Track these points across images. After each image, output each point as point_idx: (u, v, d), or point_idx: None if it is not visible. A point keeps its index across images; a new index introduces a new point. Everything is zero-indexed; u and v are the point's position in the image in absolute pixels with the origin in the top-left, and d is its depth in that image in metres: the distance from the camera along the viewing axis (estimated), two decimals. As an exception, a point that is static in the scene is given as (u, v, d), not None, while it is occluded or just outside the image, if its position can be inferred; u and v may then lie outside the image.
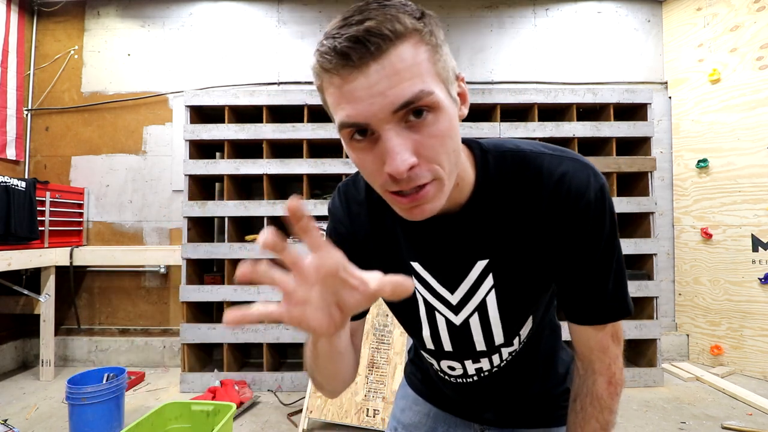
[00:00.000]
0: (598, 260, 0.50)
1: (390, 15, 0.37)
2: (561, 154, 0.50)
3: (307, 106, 2.56)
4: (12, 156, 2.89)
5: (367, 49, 0.36)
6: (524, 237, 0.51)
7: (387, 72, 0.36)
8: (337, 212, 0.61)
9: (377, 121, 0.38)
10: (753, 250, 2.56)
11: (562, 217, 0.49)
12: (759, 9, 2.57)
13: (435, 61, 0.40)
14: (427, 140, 0.39)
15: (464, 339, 0.58)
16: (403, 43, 0.37)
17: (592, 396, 0.54)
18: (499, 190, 0.51)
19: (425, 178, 0.40)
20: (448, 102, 0.41)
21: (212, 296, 2.46)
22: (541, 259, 0.52)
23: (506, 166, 0.51)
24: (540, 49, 3.10)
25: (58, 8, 3.06)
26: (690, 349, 2.89)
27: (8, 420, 2.02)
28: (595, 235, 0.49)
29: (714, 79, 2.77)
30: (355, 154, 0.42)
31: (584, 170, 0.49)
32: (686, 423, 2.00)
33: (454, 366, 0.62)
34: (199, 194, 2.66)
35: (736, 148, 2.66)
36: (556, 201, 0.48)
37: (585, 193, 0.48)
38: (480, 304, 0.55)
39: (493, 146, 0.53)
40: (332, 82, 0.39)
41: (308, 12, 3.09)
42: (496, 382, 0.64)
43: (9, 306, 2.63)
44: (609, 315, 0.53)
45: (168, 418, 1.62)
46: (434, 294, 0.57)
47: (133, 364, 2.87)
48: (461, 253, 0.53)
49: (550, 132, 2.53)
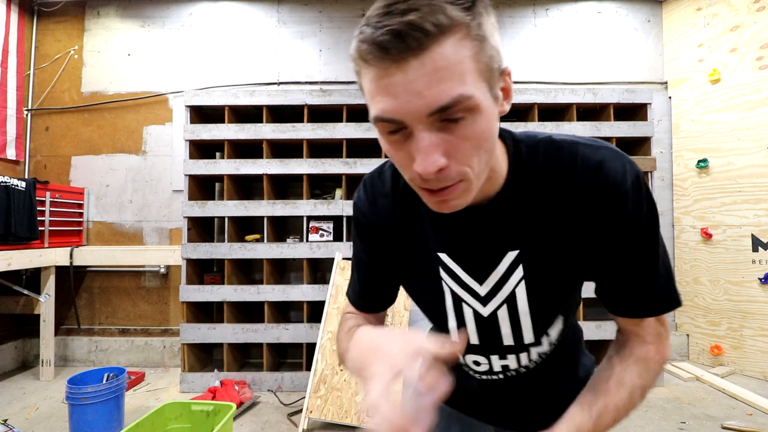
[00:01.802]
0: (641, 249, 0.49)
1: (436, 5, 0.35)
2: (595, 144, 0.50)
3: (307, 106, 2.56)
4: (12, 156, 2.89)
5: (407, 44, 0.35)
6: (557, 228, 0.50)
7: (427, 70, 0.35)
8: (362, 206, 0.61)
9: (411, 119, 0.38)
10: (753, 250, 2.56)
11: (599, 207, 0.47)
12: (759, 9, 2.57)
13: (479, 57, 0.38)
14: (460, 142, 0.39)
15: (491, 331, 0.57)
16: (447, 38, 0.35)
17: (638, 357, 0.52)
18: (532, 181, 0.50)
19: (452, 180, 0.40)
20: (488, 102, 0.40)
21: (212, 296, 2.46)
22: (575, 250, 0.51)
23: (539, 157, 0.50)
24: (540, 49, 3.10)
25: (58, 8, 3.06)
26: (690, 349, 2.89)
27: (8, 420, 2.02)
28: (635, 224, 0.47)
29: (714, 79, 2.77)
30: (388, 145, 0.42)
31: (619, 159, 0.48)
32: (686, 423, 2.00)
33: (479, 361, 0.62)
34: (199, 194, 2.66)
35: (736, 148, 2.66)
36: (592, 191, 0.47)
37: (622, 181, 0.46)
38: (509, 295, 0.54)
39: (526, 137, 0.53)
40: (370, 72, 0.38)
41: (308, 12, 3.09)
42: (522, 383, 0.63)
43: (9, 306, 2.63)
44: (660, 307, 0.51)
45: (168, 418, 1.62)
46: (462, 285, 0.56)
47: (133, 364, 2.88)
48: (491, 243, 0.53)
49: (549, 132, 2.52)
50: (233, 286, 2.47)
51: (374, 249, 0.62)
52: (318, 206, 2.50)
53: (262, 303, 2.49)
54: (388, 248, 0.60)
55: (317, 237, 2.55)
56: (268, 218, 2.52)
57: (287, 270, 2.92)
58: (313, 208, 2.50)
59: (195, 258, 2.50)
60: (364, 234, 0.62)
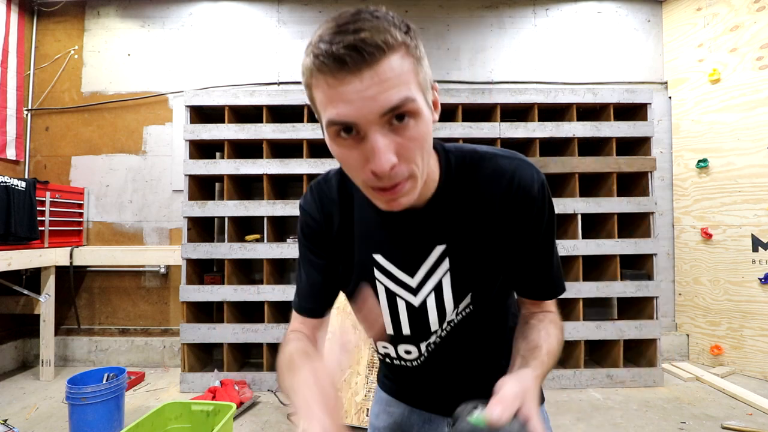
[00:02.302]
0: (541, 244, 0.60)
1: (382, 27, 0.41)
2: (511, 156, 0.59)
3: (307, 106, 2.56)
4: (12, 156, 2.89)
5: (362, 57, 0.40)
6: (479, 225, 0.59)
7: (378, 79, 0.41)
8: (309, 209, 0.67)
9: (365, 122, 0.42)
10: (753, 250, 2.56)
11: (512, 209, 0.57)
12: (759, 9, 2.57)
13: (417, 71, 0.45)
14: (407, 143, 0.45)
15: (421, 320, 0.63)
16: (393, 54, 0.41)
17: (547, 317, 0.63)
18: (460, 186, 0.58)
19: (402, 176, 0.46)
20: (426, 109, 0.46)
21: (212, 296, 2.46)
22: (492, 244, 0.60)
23: (466, 166, 0.59)
24: (540, 49, 3.10)
25: (58, 8, 3.06)
26: (690, 349, 2.89)
27: (8, 420, 2.02)
28: (538, 224, 0.58)
29: (714, 79, 2.77)
30: (339, 149, 0.47)
31: (529, 168, 0.57)
32: (686, 423, 2.00)
33: (411, 350, 0.67)
34: (199, 194, 2.66)
35: (736, 148, 2.66)
36: (507, 195, 0.57)
37: (530, 188, 0.56)
38: (437, 285, 0.61)
39: (455, 148, 0.61)
40: (326, 82, 0.42)
41: (308, 12, 3.09)
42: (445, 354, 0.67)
43: (9, 306, 2.63)
44: (554, 293, 0.64)
45: (168, 418, 1.62)
46: (395, 280, 0.63)
47: (133, 364, 2.88)
48: (422, 239, 0.60)
49: (550, 132, 2.53)
50: (233, 286, 2.47)
51: (320, 251, 0.67)
52: (318, 206, 2.50)
53: (262, 303, 2.49)
54: (331, 251, 0.66)
55: (317, 237, 2.55)
56: (268, 218, 2.52)
57: (287, 270, 2.92)
58: (313, 208, 2.50)
59: (195, 258, 2.50)
60: (311, 236, 0.67)
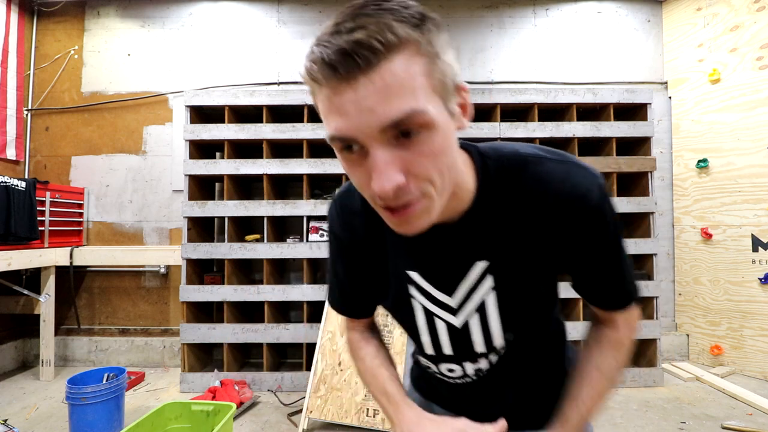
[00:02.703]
0: (608, 254, 0.53)
1: (384, 23, 0.35)
2: (560, 158, 0.51)
3: (307, 106, 2.56)
4: (12, 156, 2.89)
5: (355, 62, 0.34)
6: (526, 239, 0.51)
7: (376, 87, 0.35)
8: (333, 223, 0.62)
9: (365, 137, 0.37)
10: (753, 250, 2.56)
11: (566, 219, 0.49)
12: (759, 9, 2.57)
13: (431, 73, 0.38)
14: (417, 158, 0.38)
15: (464, 341, 0.58)
16: (396, 55, 0.35)
17: (611, 341, 0.58)
18: (500, 196, 0.51)
19: (413, 196, 0.40)
20: (442, 118, 0.39)
21: (212, 296, 2.46)
22: (543, 258, 0.52)
23: (506, 171, 0.51)
24: (540, 49, 3.10)
25: (58, 8, 3.06)
26: (690, 349, 2.89)
27: (8, 420, 2.02)
28: (602, 233, 0.51)
29: (714, 79, 2.77)
30: (345, 165, 0.42)
31: (584, 172, 0.50)
32: (686, 423, 2.00)
33: (454, 368, 0.63)
34: (199, 194, 2.66)
35: (736, 148, 2.66)
36: (559, 203, 0.49)
37: (588, 193, 0.48)
38: (480, 305, 0.55)
39: (492, 151, 0.52)
40: (322, 91, 0.39)
41: (308, 12, 3.09)
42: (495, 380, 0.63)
43: (9, 306, 2.63)
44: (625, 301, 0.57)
45: (168, 418, 1.62)
46: (432, 300, 0.57)
47: (133, 364, 2.88)
48: (460, 255, 0.54)
49: (550, 132, 2.53)
50: (233, 286, 2.47)
51: (349, 264, 0.63)
52: (318, 206, 2.50)
53: (262, 303, 2.49)
54: (360, 265, 0.62)
55: (317, 237, 2.55)
56: (268, 218, 2.52)
57: (287, 270, 2.92)
58: (313, 208, 2.50)
59: (195, 258, 2.50)
60: (339, 250, 0.63)
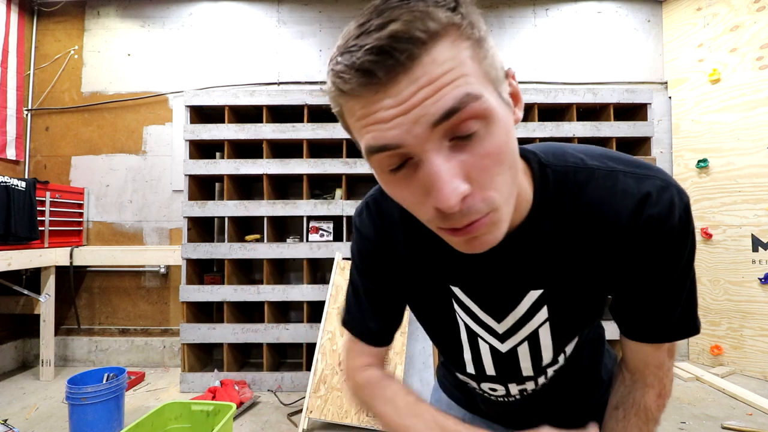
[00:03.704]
0: (673, 284, 0.44)
1: (418, 11, 0.29)
2: (639, 172, 0.43)
3: (307, 106, 2.56)
4: (12, 156, 2.89)
5: (395, 60, 0.29)
6: (587, 266, 0.44)
7: (422, 82, 0.30)
8: (365, 229, 0.55)
9: (414, 140, 0.31)
10: (753, 250, 2.56)
11: (639, 245, 0.42)
12: (759, 9, 2.57)
13: (481, 58, 0.32)
14: (480, 161, 0.32)
15: (510, 365, 0.54)
16: (439, 42, 0.30)
17: (638, 407, 0.51)
18: (560, 212, 0.44)
19: (480, 212, 0.33)
20: (500, 108, 0.33)
21: (212, 296, 2.46)
22: (605, 286, 0.46)
23: (569, 184, 0.43)
24: (540, 49, 3.10)
25: (58, 8, 3.06)
26: (690, 349, 2.89)
27: (8, 420, 2.02)
28: (675, 260, 0.43)
29: (714, 79, 2.76)
30: (390, 188, 0.36)
31: (667, 191, 0.41)
32: (686, 423, 2.00)
33: (497, 388, 0.59)
34: (199, 194, 2.66)
35: (736, 148, 2.66)
36: (632, 228, 0.41)
37: (669, 217, 0.40)
38: (531, 334, 0.50)
39: (554, 158, 0.45)
40: (356, 104, 0.32)
41: (308, 12, 3.09)
42: (541, 398, 0.61)
43: (9, 306, 2.63)
44: (675, 334, 0.47)
45: (168, 418, 1.62)
46: (477, 321, 0.52)
47: (133, 364, 2.88)
48: (511, 281, 0.47)
49: (549, 132, 2.53)
50: (233, 286, 2.47)
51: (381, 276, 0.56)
52: (318, 206, 2.50)
53: (262, 303, 2.49)
54: (395, 276, 0.55)
55: (317, 237, 2.55)
56: (268, 218, 2.52)
57: (287, 270, 2.92)
58: (313, 208, 2.50)
59: (195, 258, 2.50)
60: (369, 259, 0.56)
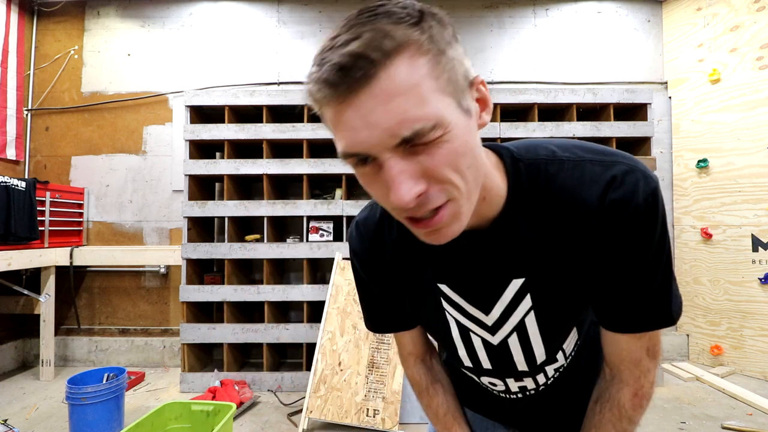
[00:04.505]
0: (643, 269, 0.46)
1: (378, 28, 0.32)
2: (605, 159, 0.45)
3: (307, 106, 2.54)
4: (12, 156, 2.89)
5: (353, 77, 0.32)
6: (564, 252, 0.47)
7: (380, 99, 0.33)
8: (356, 246, 0.60)
9: (374, 149, 0.35)
10: (753, 250, 2.56)
11: (608, 229, 0.44)
12: (759, 9, 2.57)
13: (438, 73, 0.35)
14: (435, 162, 0.36)
15: (504, 358, 0.56)
16: (395, 60, 0.33)
17: (613, 402, 0.52)
18: (534, 203, 0.46)
19: (439, 200, 0.37)
20: (458, 119, 0.36)
21: (212, 296, 2.46)
22: (584, 272, 0.48)
23: (540, 175, 0.46)
24: (540, 49, 3.10)
25: (58, 8, 3.06)
26: (690, 349, 2.89)
27: (8, 420, 2.02)
28: (643, 245, 0.44)
29: (714, 79, 2.76)
30: (361, 180, 0.40)
31: (632, 174, 0.43)
32: (686, 423, 2.00)
33: (496, 383, 0.61)
34: (199, 194, 2.66)
35: (736, 148, 2.66)
36: (600, 212, 0.43)
37: (632, 199, 0.43)
38: (519, 324, 0.52)
39: (525, 152, 0.48)
40: (326, 111, 0.37)
41: (308, 12, 3.09)
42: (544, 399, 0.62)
43: (9, 306, 2.63)
44: (646, 323, 0.48)
45: (168, 418, 1.62)
46: (467, 315, 0.54)
47: (133, 364, 2.88)
48: (493, 271, 0.50)
49: (549, 132, 2.53)
50: (233, 286, 2.47)
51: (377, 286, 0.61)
52: (318, 206, 2.50)
53: (262, 303, 2.49)
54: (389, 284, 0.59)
55: (317, 237, 2.55)
56: (268, 218, 2.52)
57: (287, 270, 2.92)
58: (313, 208, 2.50)
59: (195, 258, 2.50)
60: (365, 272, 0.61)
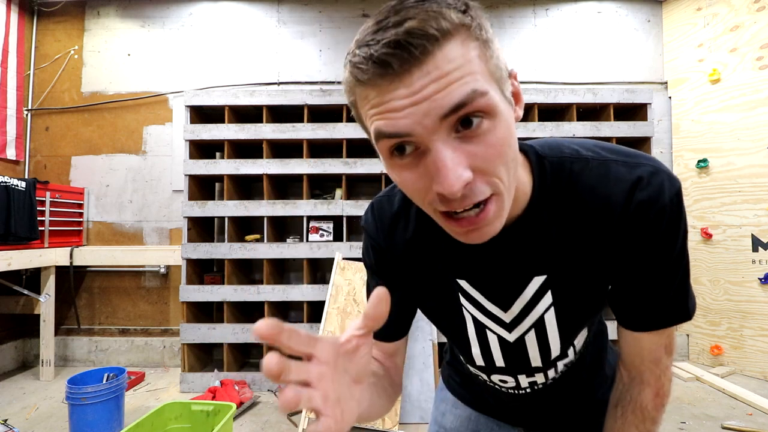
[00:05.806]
0: (667, 267, 0.46)
1: (432, 11, 0.32)
2: (629, 160, 0.45)
3: (307, 106, 2.56)
4: (12, 156, 2.89)
5: (410, 53, 0.32)
6: (587, 251, 0.47)
7: (433, 76, 0.32)
8: (370, 228, 0.58)
9: (422, 130, 0.33)
10: (753, 250, 2.56)
11: (632, 229, 0.44)
12: (759, 9, 2.57)
13: (487, 58, 0.35)
14: (484, 152, 0.35)
15: (519, 355, 0.55)
16: (450, 41, 0.33)
17: (635, 405, 0.52)
18: (558, 201, 0.46)
19: (484, 194, 0.36)
20: (504, 105, 0.36)
21: (212, 296, 2.46)
22: (605, 270, 0.48)
23: (565, 174, 0.46)
24: (540, 49, 3.10)
25: (58, 8, 3.06)
26: (690, 349, 2.89)
27: (8, 420, 2.02)
28: (667, 244, 0.44)
29: (714, 79, 2.76)
30: (395, 172, 0.38)
31: (657, 176, 0.43)
32: (686, 423, 2.00)
33: (507, 380, 0.60)
34: (199, 194, 2.66)
35: (736, 148, 2.66)
36: (626, 212, 0.44)
37: (659, 200, 0.43)
38: (537, 321, 0.52)
39: (550, 150, 0.48)
40: (370, 92, 0.34)
41: (308, 12, 3.09)
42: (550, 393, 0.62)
43: (9, 306, 2.63)
44: (667, 319, 0.49)
45: (168, 418, 1.62)
46: (485, 312, 0.53)
47: (133, 364, 2.87)
48: (514, 269, 0.49)
49: (549, 132, 2.53)
50: (233, 286, 2.47)
51: (385, 273, 0.58)
52: (318, 206, 2.50)
53: (262, 303, 2.49)
54: (402, 273, 0.57)
55: (317, 237, 2.55)
56: (268, 218, 2.52)
57: (287, 270, 2.92)
58: (313, 208, 2.50)
59: (195, 258, 2.50)
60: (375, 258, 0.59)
